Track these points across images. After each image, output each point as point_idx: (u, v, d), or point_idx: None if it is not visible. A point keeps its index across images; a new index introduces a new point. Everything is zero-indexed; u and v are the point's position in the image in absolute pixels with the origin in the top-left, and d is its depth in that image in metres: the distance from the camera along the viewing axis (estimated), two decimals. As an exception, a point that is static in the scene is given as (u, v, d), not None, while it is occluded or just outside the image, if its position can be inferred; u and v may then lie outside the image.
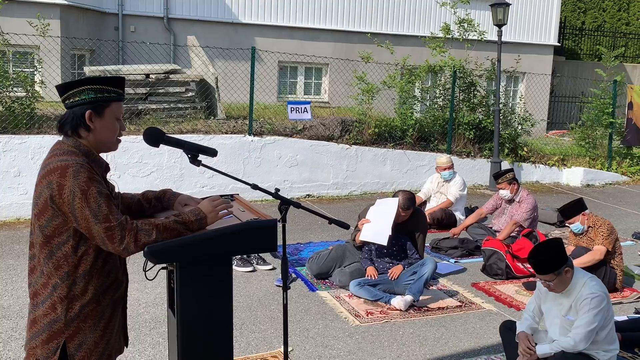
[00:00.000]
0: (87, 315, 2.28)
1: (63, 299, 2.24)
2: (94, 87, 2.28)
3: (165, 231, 2.30)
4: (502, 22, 10.88)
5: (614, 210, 9.70)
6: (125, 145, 8.36)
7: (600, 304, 3.65)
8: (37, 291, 2.28)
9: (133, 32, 13.10)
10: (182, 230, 2.35)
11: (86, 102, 2.28)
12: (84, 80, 2.30)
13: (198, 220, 2.40)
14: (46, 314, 2.25)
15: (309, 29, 14.44)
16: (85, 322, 2.28)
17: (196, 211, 2.42)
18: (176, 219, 2.34)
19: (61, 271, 2.23)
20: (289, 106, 10.00)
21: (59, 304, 2.24)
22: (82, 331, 2.28)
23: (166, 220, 2.32)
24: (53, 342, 2.25)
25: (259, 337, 4.57)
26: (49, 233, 2.22)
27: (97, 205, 2.16)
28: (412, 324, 4.93)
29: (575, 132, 13.34)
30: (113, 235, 2.18)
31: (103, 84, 2.30)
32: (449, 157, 8.28)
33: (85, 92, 2.27)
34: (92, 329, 2.30)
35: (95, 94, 2.29)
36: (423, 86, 12.08)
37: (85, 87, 2.28)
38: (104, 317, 2.33)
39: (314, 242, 7.21)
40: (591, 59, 20.43)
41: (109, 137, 2.35)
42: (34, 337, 2.27)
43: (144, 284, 5.36)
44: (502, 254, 6.18)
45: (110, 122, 2.33)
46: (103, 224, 2.17)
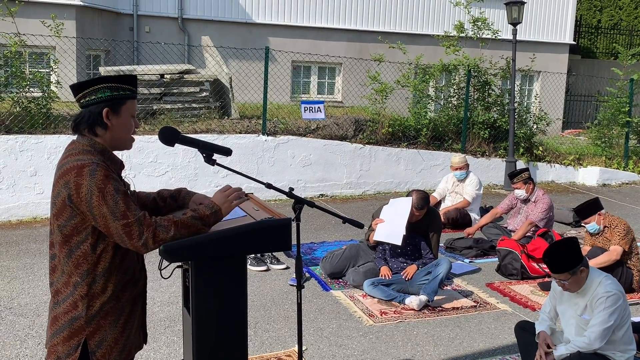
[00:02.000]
0: (108, 312, 2.30)
1: (84, 297, 2.26)
2: (109, 85, 2.31)
3: (184, 227, 2.31)
4: (517, 21, 10.81)
5: (631, 210, 9.59)
6: (140, 144, 8.42)
7: (616, 302, 3.61)
8: (58, 289, 2.31)
9: (148, 32, 13.19)
10: (200, 226, 2.36)
11: (103, 100, 2.30)
12: (98, 79, 2.32)
13: (213, 213, 2.40)
14: (67, 311, 2.27)
15: (322, 28, 14.44)
16: (105, 319, 2.30)
17: (210, 204, 2.42)
18: (193, 214, 2.35)
19: (81, 269, 2.25)
20: (302, 106, 10.01)
21: (79, 301, 2.26)
22: (102, 328, 2.30)
23: (184, 216, 2.33)
24: (74, 339, 2.27)
25: (273, 336, 4.58)
26: (67, 232, 2.24)
27: (114, 203, 2.18)
28: (426, 324, 4.91)
29: (591, 131, 13.21)
30: (131, 232, 2.20)
31: (118, 82, 2.33)
32: (463, 156, 8.20)
33: (101, 90, 2.30)
34: (112, 325, 2.32)
35: (111, 92, 2.31)
36: (437, 85, 12.03)
37: (100, 85, 2.30)
38: (123, 314, 2.35)
39: (327, 242, 7.21)
40: (607, 57, 20.23)
41: (125, 134, 2.37)
42: (55, 334, 2.29)
43: (159, 282, 5.39)
44: (517, 254, 6.14)
45: (126, 120, 2.36)
46: (121, 220, 2.19)
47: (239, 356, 2.63)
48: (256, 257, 6.14)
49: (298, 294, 2.95)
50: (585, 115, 17.13)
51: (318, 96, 14.61)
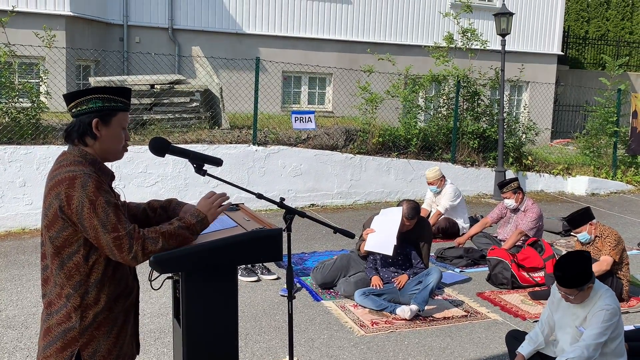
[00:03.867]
0: (101, 323, 2.30)
1: (77, 308, 2.26)
2: (101, 96, 2.31)
3: (171, 238, 2.31)
4: (506, 32, 10.91)
5: (619, 219, 9.66)
6: (130, 155, 8.39)
7: (613, 317, 3.63)
8: (51, 301, 2.30)
9: (138, 42, 13.18)
10: (188, 235, 2.36)
11: (93, 110, 2.30)
12: (91, 90, 2.33)
13: (199, 221, 2.41)
14: (60, 322, 2.27)
15: (312, 39, 14.50)
16: (98, 330, 2.30)
17: (195, 213, 2.42)
18: (180, 224, 2.35)
19: (73, 281, 2.25)
20: (293, 116, 10.03)
21: (73, 312, 2.26)
22: (95, 339, 2.29)
23: (170, 227, 2.33)
24: (67, 350, 2.27)
25: (264, 347, 4.56)
26: (59, 244, 2.24)
27: (105, 215, 2.18)
28: (417, 333, 4.91)
29: (579, 140, 13.31)
30: (121, 245, 2.20)
31: (110, 94, 2.33)
32: (436, 171, 8.04)
33: (92, 100, 2.30)
34: (105, 336, 2.31)
35: (102, 102, 2.31)
36: (427, 95, 12.10)
37: (92, 96, 2.31)
38: (117, 324, 2.35)
39: (318, 252, 7.20)
40: (595, 67, 20.44)
41: (115, 145, 2.37)
42: (48, 346, 2.28)
43: (149, 293, 5.36)
44: (507, 263, 6.16)
45: (116, 131, 2.35)
46: (112, 233, 2.18)
47: (229, 367, 2.62)
48: (247, 268, 6.12)
49: (289, 305, 2.95)
50: (574, 125, 17.26)
51: (308, 106, 14.63)
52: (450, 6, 15.11)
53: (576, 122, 17.27)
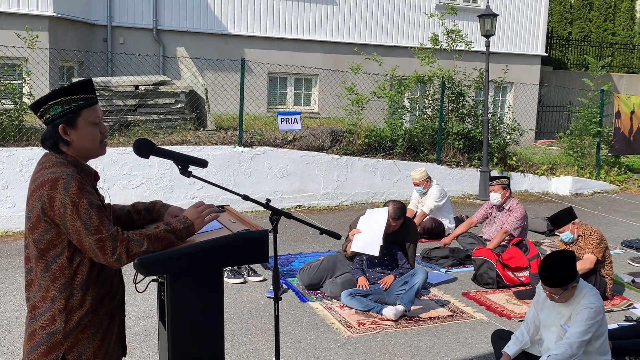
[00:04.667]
0: (86, 326, 2.28)
1: (62, 311, 2.23)
2: (59, 100, 2.25)
3: (157, 241, 2.29)
4: (490, 33, 10.97)
5: (603, 219, 9.76)
6: (114, 156, 8.33)
7: (597, 316, 3.66)
8: (35, 304, 2.28)
9: (122, 43, 13.09)
10: (173, 239, 2.35)
11: (56, 117, 2.26)
12: (49, 96, 2.27)
13: (186, 228, 2.40)
14: (45, 326, 2.24)
15: (298, 40, 14.49)
16: (83, 333, 2.28)
17: (182, 219, 2.42)
18: (166, 227, 2.34)
19: (58, 283, 2.23)
20: (279, 117, 10.01)
21: (57, 316, 2.24)
22: (81, 342, 2.27)
23: (156, 230, 2.32)
24: (52, 354, 2.24)
25: (250, 349, 4.54)
26: (43, 246, 2.22)
27: (88, 217, 2.16)
28: (403, 334, 4.92)
29: (563, 141, 13.43)
30: (105, 247, 2.18)
31: (67, 95, 2.27)
32: (422, 172, 8.09)
33: (52, 107, 2.26)
34: (90, 339, 2.29)
35: (62, 106, 2.26)
36: (412, 96, 12.14)
37: (51, 102, 2.26)
38: (102, 327, 2.33)
39: (305, 253, 7.19)
40: (578, 68, 20.63)
41: (90, 144, 2.33)
42: (33, 350, 2.26)
43: (134, 296, 5.32)
44: (492, 263, 6.19)
45: (86, 130, 2.30)
46: (94, 235, 2.16)
47: (215, 370, 2.60)
48: (233, 270, 6.10)
49: (275, 306, 2.94)
50: (558, 125, 17.41)
51: (294, 107, 14.63)
52: (435, 7, 15.19)
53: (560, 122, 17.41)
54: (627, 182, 12.85)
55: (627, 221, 9.73)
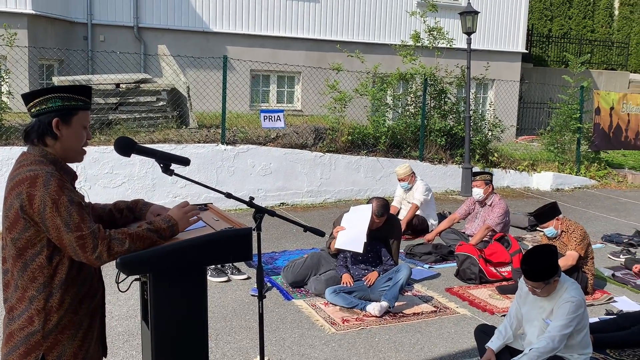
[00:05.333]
0: (65, 326, 2.25)
1: (40, 311, 2.21)
2: (61, 95, 2.27)
3: (139, 240, 2.28)
4: (471, 30, 11.04)
5: (583, 214, 9.88)
6: (95, 155, 8.26)
7: (578, 310, 3.71)
8: (13, 306, 2.25)
9: (102, 41, 12.97)
10: (156, 239, 2.34)
11: (53, 109, 2.26)
12: (50, 89, 2.29)
13: (170, 227, 2.39)
14: (23, 327, 2.22)
15: (281, 37, 14.46)
16: (63, 333, 2.25)
17: (167, 218, 2.41)
18: (149, 226, 2.33)
19: (37, 283, 2.20)
20: (262, 114, 9.99)
21: (36, 316, 2.21)
22: (60, 342, 2.25)
23: (139, 229, 2.30)
24: (31, 355, 2.22)
25: (235, 348, 4.53)
26: (21, 245, 2.19)
27: (68, 214, 2.14)
28: (387, 330, 4.94)
29: (544, 137, 13.56)
30: (85, 244, 2.16)
31: (70, 93, 2.29)
32: (407, 167, 8.14)
33: (52, 100, 2.26)
34: (70, 339, 2.27)
35: (62, 102, 2.27)
36: (395, 94, 12.18)
37: (52, 95, 2.27)
38: (82, 327, 2.30)
39: (289, 251, 7.19)
40: (558, 65, 20.84)
41: (76, 145, 2.33)
42: (11, 351, 2.23)
43: (116, 296, 5.28)
44: (475, 258, 6.24)
45: (77, 130, 2.32)
46: (75, 232, 2.14)
47: (200, 369, 2.59)
48: (216, 268, 6.08)
49: (259, 304, 2.94)
50: (538, 121, 17.58)
51: (277, 105, 14.60)
52: (417, 5, 15.24)
53: (540, 119, 17.59)
54: (607, 178, 13.01)
55: (607, 216, 9.86)
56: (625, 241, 7.97)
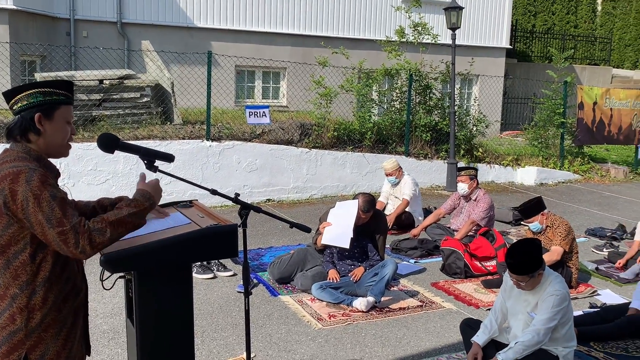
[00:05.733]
0: (49, 325, 2.23)
1: (23, 309, 2.18)
2: (42, 90, 2.26)
3: (121, 226, 2.23)
4: (456, 26, 11.07)
5: (567, 208, 9.96)
6: (79, 152, 8.18)
7: (562, 303, 3.74)
8: None
9: (85, 37, 12.83)
10: (138, 222, 2.30)
11: (35, 105, 2.24)
12: (31, 85, 2.27)
13: (151, 205, 2.36)
14: (5, 326, 2.19)
15: (265, 32, 14.41)
16: (46, 332, 2.23)
17: (146, 195, 2.37)
18: (130, 210, 2.27)
19: (20, 280, 2.18)
20: (247, 110, 9.96)
21: (18, 314, 2.18)
22: (43, 341, 2.22)
23: (120, 214, 2.24)
24: (14, 354, 2.19)
25: (221, 344, 4.52)
26: (4, 242, 2.16)
27: (50, 210, 2.12)
28: (374, 325, 4.95)
29: (528, 132, 13.65)
30: (67, 239, 2.13)
31: (51, 87, 2.28)
32: (394, 162, 8.17)
33: (33, 95, 2.25)
34: (54, 338, 2.25)
35: (43, 96, 2.26)
36: (380, 89, 12.19)
37: (33, 90, 2.25)
38: (65, 326, 2.28)
39: (275, 247, 7.18)
40: (542, 60, 20.98)
41: (60, 140, 2.31)
42: None
43: (101, 293, 5.24)
44: (460, 253, 6.27)
45: (60, 125, 2.30)
46: (57, 228, 2.12)
47: (186, 366, 2.58)
48: (202, 265, 6.06)
49: (246, 301, 2.93)
50: (523, 117, 17.69)
51: (263, 101, 14.56)
52: (402, 0, 15.25)
53: (525, 114, 17.70)
54: (590, 172, 13.14)
55: (590, 210, 9.96)
56: (608, 235, 8.05)
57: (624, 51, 23.07)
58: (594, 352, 4.45)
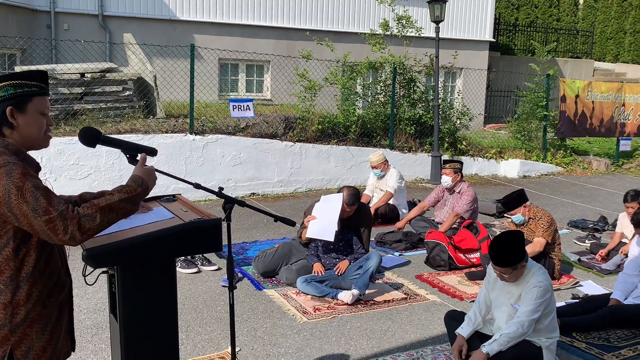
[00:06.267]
0: (34, 320, 2.20)
1: (7, 305, 2.15)
2: (12, 82, 2.21)
3: (111, 212, 2.20)
4: (440, 19, 11.09)
5: (550, 200, 10.05)
6: (60, 147, 8.09)
7: (545, 294, 3.77)
8: None
9: (66, 30, 12.68)
10: (130, 207, 2.26)
11: (6, 98, 2.19)
12: (1, 77, 2.22)
13: (144, 190, 2.34)
14: None
15: (249, 25, 14.34)
16: (31, 327, 2.20)
17: (138, 180, 2.34)
18: (121, 196, 2.25)
19: (4, 276, 2.14)
20: (230, 104, 9.90)
21: (2, 310, 2.15)
22: (28, 336, 2.20)
23: (111, 199, 2.21)
24: None
25: (206, 339, 4.51)
26: None
27: (34, 199, 2.08)
28: (359, 317, 4.96)
29: (511, 125, 13.74)
30: (55, 227, 2.10)
31: (22, 79, 2.23)
32: (380, 155, 8.18)
33: (3, 88, 2.20)
34: (39, 333, 2.22)
35: (14, 89, 2.21)
36: (364, 83, 12.20)
37: (3, 83, 2.20)
38: (50, 321, 2.26)
39: (259, 241, 7.17)
40: (525, 54, 21.11)
41: (35, 133, 2.27)
42: None
43: (84, 289, 5.20)
44: (444, 245, 6.30)
45: (34, 118, 2.25)
46: (43, 216, 2.08)
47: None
48: (186, 259, 6.03)
49: (230, 295, 2.91)
50: (506, 110, 17.80)
51: (247, 94, 14.50)
52: (386, -7, 15.24)
53: (508, 107, 17.81)
54: (573, 164, 13.27)
55: (572, 202, 10.05)
56: (590, 226, 8.14)
57: (606, 44, 23.28)
58: (576, 342, 4.51)
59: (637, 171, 13.56)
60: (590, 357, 4.27)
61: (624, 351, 4.37)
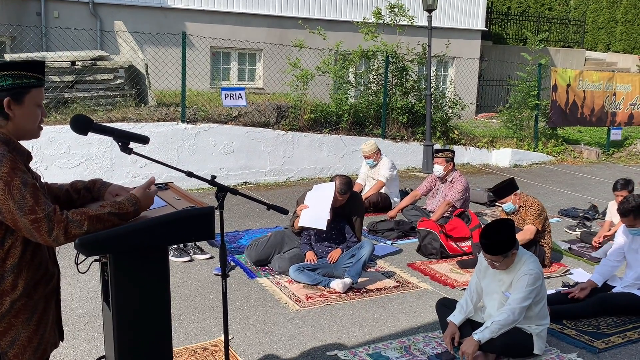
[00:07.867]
0: (19, 311, 2.20)
1: None
2: (11, 72, 2.17)
3: (99, 222, 2.23)
4: (432, 8, 11.06)
5: (541, 189, 10.11)
6: (51, 135, 8.04)
7: (536, 282, 3.81)
8: None
9: (57, 17, 12.56)
10: (117, 222, 2.29)
11: (3, 89, 2.16)
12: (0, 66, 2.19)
13: (135, 210, 2.36)
14: None
15: (241, 13, 14.25)
16: (17, 318, 2.20)
17: (133, 200, 2.36)
18: (112, 210, 2.27)
19: None
20: (222, 92, 9.86)
21: None
22: (14, 327, 2.19)
23: (101, 211, 2.24)
24: None
25: (199, 327, 4.52)
26: None
27: (21, 197, 2.07)
28: (351, 305, 4.99)
29: (503, 114, 13.77)
30: (40, 227, 2.10)
31: (21, 70, 2.19)
32: (372, 144, 8.18)
33: (2, 78, 2.16)
34: (25, 324, 2.22)
35: (13, 80, 2.17)
36: (357, 71, 12.17)
37: (2, 73, 2.16)
38: (37, 311, 2.25)
39: (252, 229, 7.17)
40: (517, 43, 21.11)
41: (30, 124, 2.25)
42: None
43: (76, 277, 5.19)
44: (436, 234, 6.33)
45: (30, 110, 2.23)
46: (28, 215, 2.08)
47: (163, 349, 2.58)
48: (179, 248, 6.03)
49: (223, 283, 2.92)
50: (497, 99, 17.83)
51: (239, 83, 14.44)
52: (378, -19, 15.19)
53: (500, 96, 17.83)
54: (564, 154, 13.33)
55: (563, 191, 10.11)
56: (581, 215, 8.20)
57: (597, 34, 23.32)
58: (566, 329, 4.55)
59: (628, 160, 13.64)
60: (580, 344, 4.32)
61: (614, 338, 4.42)
